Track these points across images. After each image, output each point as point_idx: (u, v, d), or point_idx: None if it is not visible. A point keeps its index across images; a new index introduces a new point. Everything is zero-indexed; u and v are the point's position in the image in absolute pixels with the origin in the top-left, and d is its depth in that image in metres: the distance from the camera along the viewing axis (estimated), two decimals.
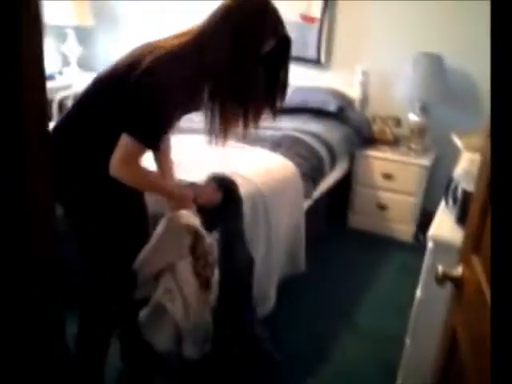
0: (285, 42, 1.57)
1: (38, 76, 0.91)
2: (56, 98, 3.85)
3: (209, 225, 1.77)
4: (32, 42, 0.87)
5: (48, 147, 1.06)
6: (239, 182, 2.21)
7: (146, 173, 1.60)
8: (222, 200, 1.79)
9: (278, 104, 1.64)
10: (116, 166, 1.49)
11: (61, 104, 3.85)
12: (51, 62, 4.27)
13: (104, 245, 1.68)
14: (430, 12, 3.43)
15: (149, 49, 1.54)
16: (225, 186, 1.82)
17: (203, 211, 1.75)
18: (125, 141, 1.48)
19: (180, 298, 1.71)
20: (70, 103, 3.70)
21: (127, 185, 1.55)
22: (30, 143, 0.93)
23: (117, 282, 1.72)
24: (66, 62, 4.35)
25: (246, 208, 2.11)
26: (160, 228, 1.71)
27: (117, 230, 1.67)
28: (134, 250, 1.69)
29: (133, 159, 1.51)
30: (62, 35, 4.24)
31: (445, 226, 1.84)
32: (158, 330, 1.75)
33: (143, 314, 1.76)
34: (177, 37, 1.57)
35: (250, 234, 2.11)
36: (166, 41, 1.56)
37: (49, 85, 3.95)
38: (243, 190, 2.17)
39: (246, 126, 1.64)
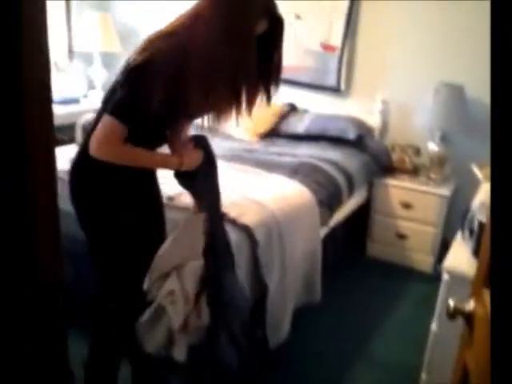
0: (278, 23, 1.55)
1: (41, 88, 0.90)
2: (80, 121, 3.93)
3: (187, 185, 1.77)
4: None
5: (52, 161, 1.04)
6: (253, 207, 2.23)
7: (128, 147, 1.56)
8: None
9: (273, 87, 1.62)
10: (94, 144, 1.51)
11: (84, 127, 3.93)
12: (77, 86, 4.38)
13: (117, 252, 1.69)
14: (451, 42, 3.44)
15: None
16: (202, 144, 1.75)
17: (180, 174, 1.73)
18: (103, 120, 1.50)
19: (182, 300, 1.67)
20: None
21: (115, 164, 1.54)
22: (32, 155, 0.91)
23: (129, 296, 1.73)
24: (91, 86, 4.46)
25: (260, 234, 2.12)
26: (180, 226, 1.72)
27: (129, 234, 1.68)
28: (147, 258, 1.69)
29: (112, 138, 1.50)
30: (88, 60, 4.36)
31: (461, 257, 1.82)
32: (151, 330, 1.71)
33: (144, 316, 1.73)
34: (171, 22, 1.57)
35: (264, 259, 2.12)
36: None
37: (73, 108, 4.08)
38: (257, 215, 2.18)
39: (239, 112, 1.61)
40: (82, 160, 1.67)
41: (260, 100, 1.64)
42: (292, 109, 3.87)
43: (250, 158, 3.05)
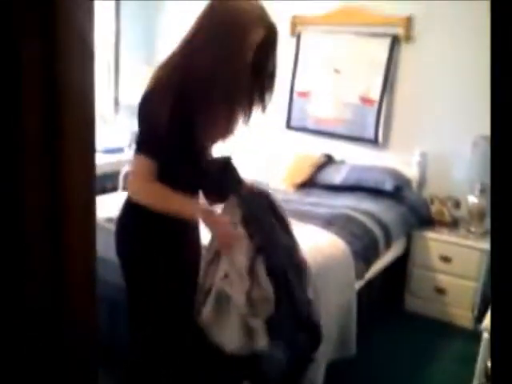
0: (272, 32, 1.56)
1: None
2: (123, 170, 4.08)
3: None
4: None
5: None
6: None
7: (159, 185, 1.57)
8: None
9: (267, 96, 1.65)
10: (129, 184, 1.59)
11: (127, 176, 4.07)
12: (122, 136, 4.56)
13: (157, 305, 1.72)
14: (489, 97, 3.43)
15: None
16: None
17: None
18: (132, 161, 1.58)
19: (237, 278, 1.60)
20: None
21: (147, 206, 1.57)
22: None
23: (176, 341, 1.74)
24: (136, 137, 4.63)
25: None
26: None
27: (169, 285, 1.71)
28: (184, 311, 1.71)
29: (141, 174, 1.55)
30: (134, 111, 4.54)
31: None
32: (225, 325, 1.61)
33: (206, 310, 1.65)
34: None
35: None
36: None
37: (117, 157, 4.24)
38: None
39: (234, 122, 1.67)
40: (127, 212, 1.73)
41: (255, 109, 1.68)
42: (329, 160, 3.91)
43: (286, 209, 3.06)
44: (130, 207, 1.70)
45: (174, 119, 1.51)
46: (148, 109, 1.56)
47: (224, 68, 1.52)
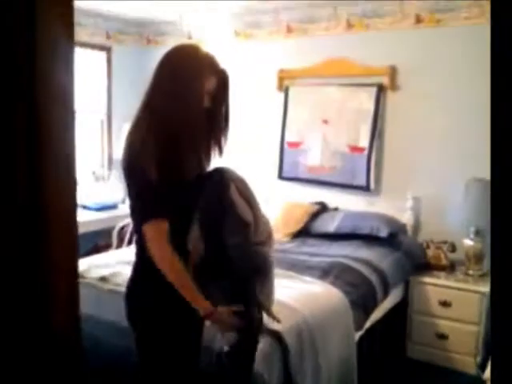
0: (223, 78, 1.66)
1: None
2: (117, 226, 4.08)
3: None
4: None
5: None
6: (284, 312, 2.20)
7: (182, 268, 1.59)
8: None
9: (223, 139, 1.72)
10: (153, 252, 1.56)
11: (120, 231, 4.06)
12: (116, 192, 4.58)
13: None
14: (479, 138, 3.49)
15: None
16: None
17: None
18: (147, 229, 1.56)
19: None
20: (129, 230, 3.90)
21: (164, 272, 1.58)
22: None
23: None
24: None
25: (291, 340, 2.08)
26: None
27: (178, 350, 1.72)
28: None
29: (156, 237, 1.56)
30: None
31: None
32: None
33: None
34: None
35: (296, 367, 2.06)
36: None
37: (111, 214, 4.24)
38: (288, 320, 2.16)
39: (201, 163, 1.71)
40: (138, 277, 1.73)
41: (213, 153, 1.74)
42: (322, 207, 3.92)
43: (282, 260, 3.06)
44: (140, 273, 1.71)
45: (162, 174, 1.54)
46: (139, 176, 1.58)
47: (183, 115, 1.60)
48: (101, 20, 4.59)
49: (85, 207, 4.36)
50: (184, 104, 1.59)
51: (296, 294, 2.44)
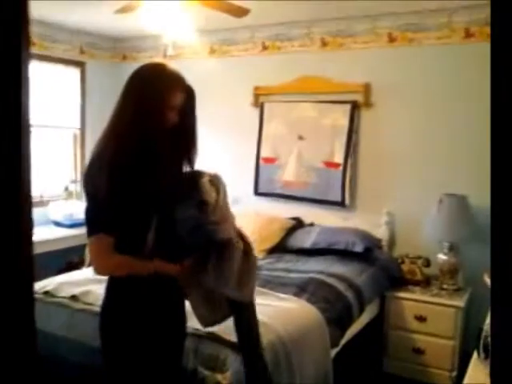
0: (190, 94, 1.72)
1: None
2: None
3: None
4: None
5: None
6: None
7: (119, 257, 1.61)
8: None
9: (192, 152, 1.76)
10: (94, 264, 1.63)
11: None
12: None
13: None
14: (453, 154, 3.55)
15: None
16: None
17: None
18: (92, 240, 1.59)
19: None
20: None
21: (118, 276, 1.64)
22: None
23: None
24: None
25: (267, 360, 2.05)
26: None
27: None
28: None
29: (100, 252, 1.59)
30: None
31: (478, 379, 1.73)
32: None
33: None
34: None
35: None
36: None
37: (84, 230, 4.16)
38: (262, 339, 2.12)
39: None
40: (109, 299, 1.73)
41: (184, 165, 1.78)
42: (298, 223, 3.92)
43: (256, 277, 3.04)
44: (111, 293, 1.72)
45: (114, 189, 1.55)
46: (89, 191, 1.62)
47: (143, 130, 1.63)
48: (75, 35, 4.56)
49: (57, 224, 4.28)
50: (145, 120, 1.63)
51: (270, 311, 2.41)
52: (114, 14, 2.99)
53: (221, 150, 4.39)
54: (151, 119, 1.64)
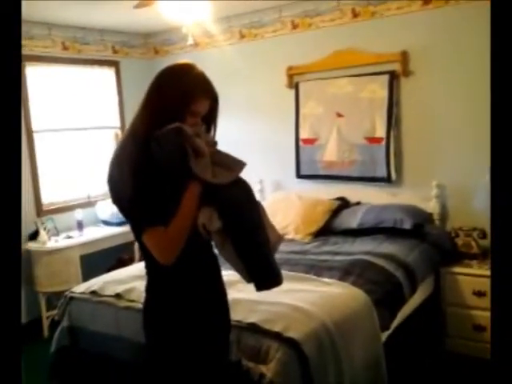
0: (215, 101, 1.67)
1: None
2: None
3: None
4: None
5: None
6: (301, 318, 2.11)
7: (169, 228, 1.53)
8: None
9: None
10: (159, 257, 1.52)
11: None
12: None
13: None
14: None
15: None
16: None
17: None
18: (146, 237, 1.51)
19: None
20: None
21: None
22: None
23: None
24: None
25: (310, 348, 1.99)
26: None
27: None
28: None
29: (160, 243, 1.51)
30: None
31: None
32: None
33: None
34: None
35: (317, 377, 1.97)
36: None
37: None
38: (306, 327, 2.06)
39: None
40: (151, 298, 1.69)
41: None
42: (343, 203, 3.81)
43: (301, 261, 2.97)
44: (152, 292, 1.68)
45: (144, 182, 1.50)
46: (120, 193, 1.56)
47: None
48: (105, 35, 4.59)
49: (106, 223, 4.37)
50: (163, 123, 1.55)
51: (313, 297, 2.34)
52: (134, 10, 2.96)
53: (259, 137, 4.33)
54: (169, 123, 1.56)
